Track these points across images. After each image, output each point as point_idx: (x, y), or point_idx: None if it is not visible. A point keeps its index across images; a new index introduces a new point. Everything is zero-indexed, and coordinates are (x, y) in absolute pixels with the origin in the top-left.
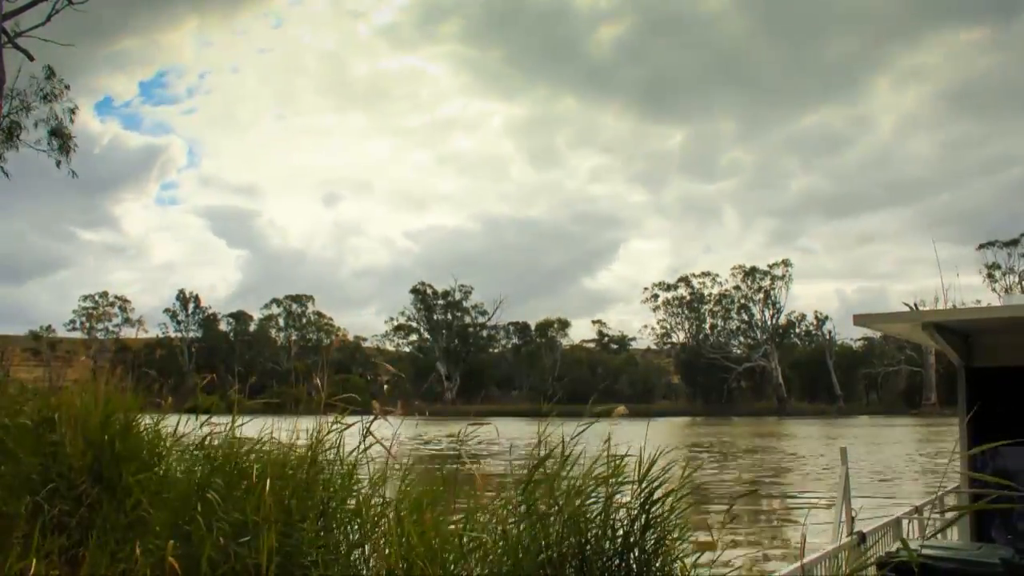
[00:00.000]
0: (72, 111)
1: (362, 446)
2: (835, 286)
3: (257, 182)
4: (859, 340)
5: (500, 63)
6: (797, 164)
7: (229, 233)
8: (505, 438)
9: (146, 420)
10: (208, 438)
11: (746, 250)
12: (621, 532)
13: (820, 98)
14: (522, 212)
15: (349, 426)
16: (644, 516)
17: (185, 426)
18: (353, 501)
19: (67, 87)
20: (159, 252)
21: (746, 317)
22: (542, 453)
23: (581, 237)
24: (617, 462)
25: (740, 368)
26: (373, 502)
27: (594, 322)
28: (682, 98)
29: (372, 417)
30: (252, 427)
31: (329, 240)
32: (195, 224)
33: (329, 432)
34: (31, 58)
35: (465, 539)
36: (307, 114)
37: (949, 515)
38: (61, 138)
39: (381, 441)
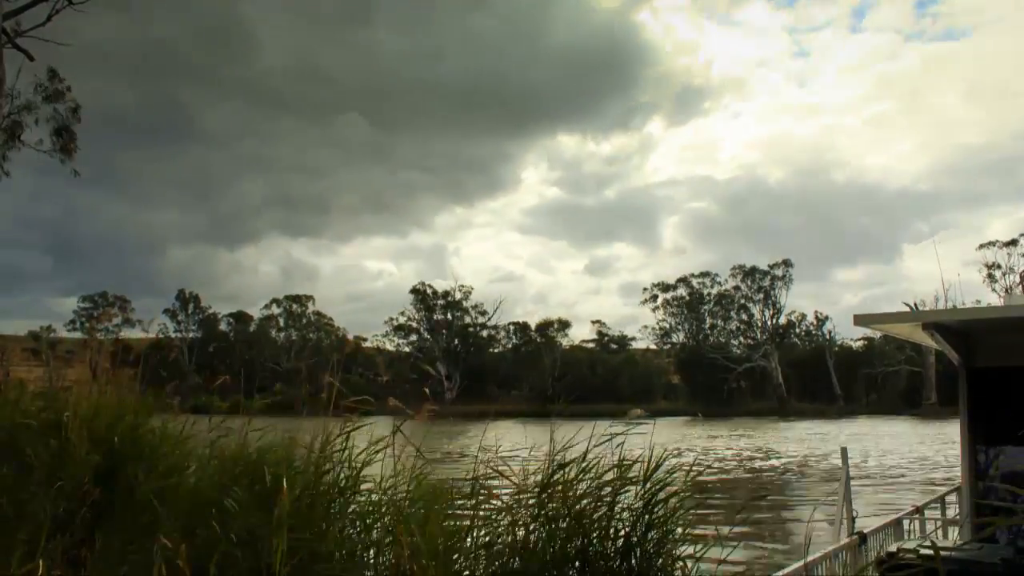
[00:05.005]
0: (75, 110)
1: (380, 445)
2: None
3: None
4: (859, 340)
5: None
6: None
7: None
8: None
9: (153, 421)
10: (219, 440)
11: None
12: (623, 533)
13: None
14: None
15: (359, 426)
16: (647, 517)
17: (192, 427)
18: (361, 502)
19: (68, 88)
20: None
21: (746, 317)
22: (556, 459)
23: None
24: (626, 465)
25: (740, 368)
26: (381, 502)
27: (594, 322)
28: None
29: (403, 418)
30: (265, 430)
31: None
32: None
33: (340, 434)
34: (31, 58)
35: (470, 540)
36: None
37: (951, 515)
38: (63, 137)
39: (412, 442)
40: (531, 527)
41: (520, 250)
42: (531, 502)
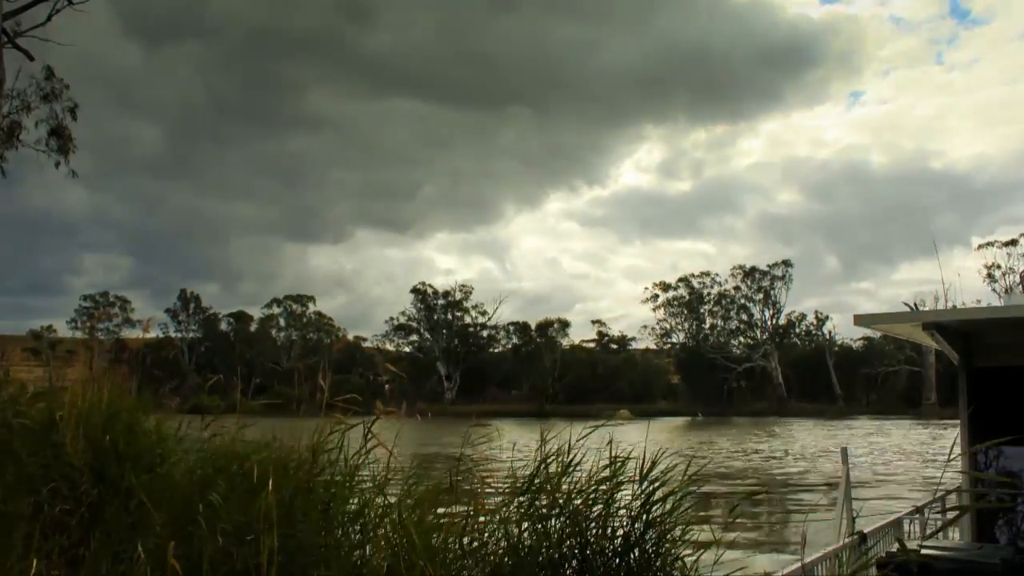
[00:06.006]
0: (72, 110)
1: (365, 447)
2: None
3: None
4: (859, 340)
5: None
6: None
7: None
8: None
9: (149, 420)
10: (211, 439)
11: None
12: (621, 532)
13: None
14: None
15: (352, 426)
16: (645, 516)
17: (188, 427)
18: (354, 502)
19: (67, 86)
20: None
21: (745, 317)
22: (545, 455)
23: None
24: (619, 463)
25: (740, 368)
26: (375, 502)
27: (594, 322)
28: None
29: (373, 418)
30: (255, 428)
31: None
32: None
33: (331, 432)
34: (31, 58)
35: (466, 539)
36: None
37: (950, 515)
38: (61, 138)
39: (383, 443)
40: (523, 526)
41: (587, 246)
42: (521, 499)
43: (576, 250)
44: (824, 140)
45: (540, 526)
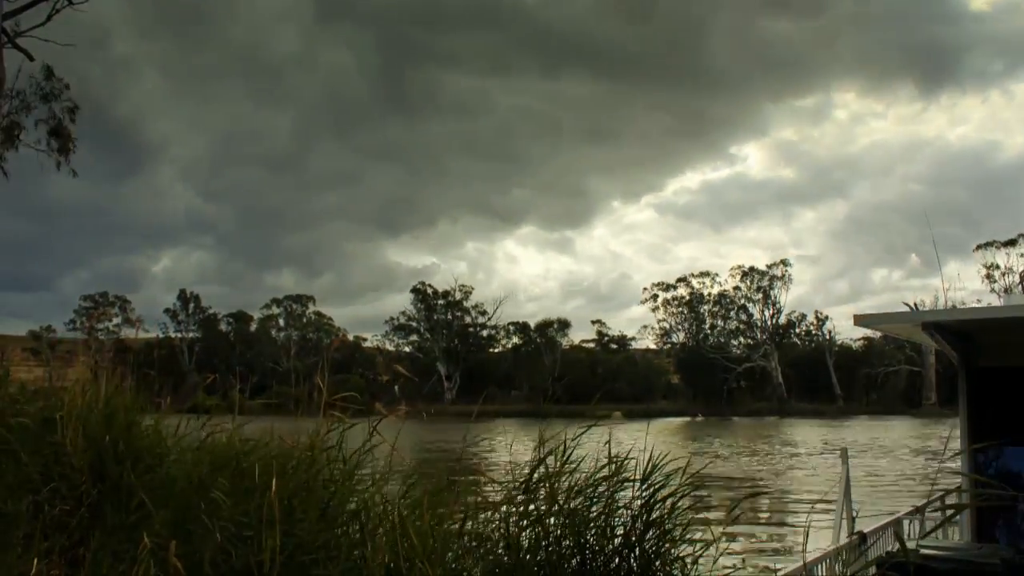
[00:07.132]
0: (71, 110)
1: (367, 445)
2: None
3: None
4: (859, 340)
5: None
6: None
7: None
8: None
9: (147, 420)
10: (209, 437)
11: None
12: (621, 532)
13: None
14: None
15: (352, 425)
16: (645, 516)
17: (187, 427)
18: (354, 501)
19: (67, 86)
20: None
21: (745, 317)
22: (543, 454)
23: None
24: (619, 463)
25: (740, 368)
26: (374, 502)
27: (594, 322)
28: None
29: (379, 418)
30: (254, 428)
31: None
32: None
33: (330, 431)
34: (31, 58)
35: (465, 538)
36: None
37: (948, 514)
38: (61, 138)
39: (387, 440)
40: (522, 524)
41: (654, 239)
42: (519, 499)
43: (644, 241)
44: (965, 117)
45: (539, 526)
